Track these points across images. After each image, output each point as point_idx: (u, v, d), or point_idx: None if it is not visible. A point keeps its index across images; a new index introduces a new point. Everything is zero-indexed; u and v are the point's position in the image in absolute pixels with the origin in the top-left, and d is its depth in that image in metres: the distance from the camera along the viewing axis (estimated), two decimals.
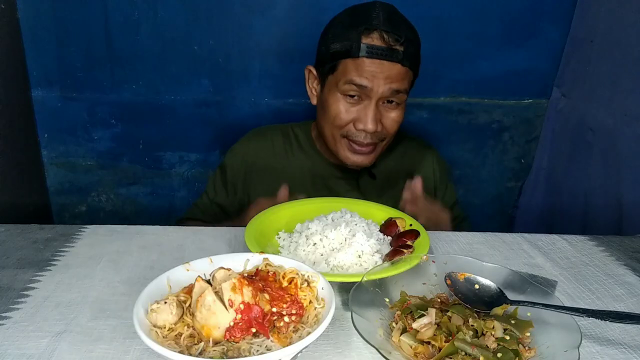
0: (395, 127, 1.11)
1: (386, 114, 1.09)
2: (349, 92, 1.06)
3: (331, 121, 1.10)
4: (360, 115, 1.08)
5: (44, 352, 0.60)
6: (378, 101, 1.07)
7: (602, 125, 1.37)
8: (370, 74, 1.04)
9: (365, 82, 1.04)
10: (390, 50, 1.03)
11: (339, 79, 1.07)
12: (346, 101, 1.08)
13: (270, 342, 0.55)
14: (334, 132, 1.12)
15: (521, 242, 0.94)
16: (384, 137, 1.12)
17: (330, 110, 1.10)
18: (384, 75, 1.04)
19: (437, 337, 0.59)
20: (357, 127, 1.08)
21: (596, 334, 0.67)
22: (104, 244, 0.88)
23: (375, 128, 1.07)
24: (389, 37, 1.02)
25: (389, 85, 1.05)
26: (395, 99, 1.08)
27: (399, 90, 1.06)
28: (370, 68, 1.03)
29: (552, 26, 1.53)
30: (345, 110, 1.08)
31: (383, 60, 1.03)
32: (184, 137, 1.59)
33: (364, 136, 1.09)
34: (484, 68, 1.56)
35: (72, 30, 1.44)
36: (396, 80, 1.05)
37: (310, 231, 0.85)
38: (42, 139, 1.56)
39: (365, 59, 1.03)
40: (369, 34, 1.03)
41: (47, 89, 1.50)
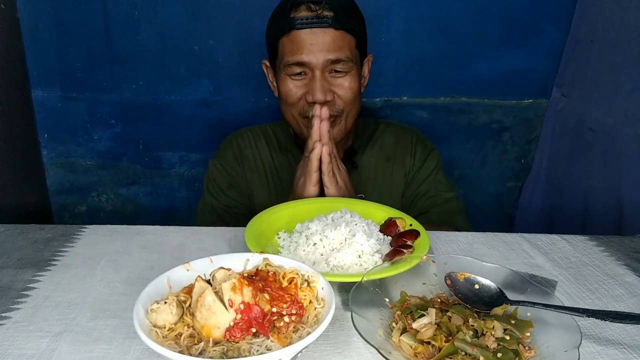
0: (349, 94, 1.11)
1: (336, 83, 1.10)
2: (293, 72, 1.09)
3: (285, 101, 1.13)
4: (308, 89, 1.09)
5: (44, 352, 0.60)
6: (323, 72, 1.08)
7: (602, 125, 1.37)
8: (304, 47, 1.06)
9: (300, 57, 1.06)
10: (318, 17, 1.05)
11: (280, 61, 1.10)
12: (293, 78, 1.10)
13: (270, 342, 0.55)
14: (293, 114, 1.14)
15: (521, 242, 0.94)
16: (342, 108, 1.12)
17: (282, 91, 1.12)
18: (318, 45, 1.05)
19: (437, 337, 0.59)
20: (307, 100, 1.09)
21: (596, 334, 0.67)
22: (104, 244, 0.88)
23: (325, 97, 1.07)
24: (316, 6, 1.05)
25: (327, 56, 1.06)
26: (341, 68, 1.08)
27: (338, 59, 1.07)
28: (302, 40, 1.06)
29: (552, 26, 1.53)
30: (293, 87, 1.10)
31: (314, 29, 1.05)
32: (184, 137, 1.59)
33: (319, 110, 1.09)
34: (484, 68, 1.56)
35: (72, 30, 1.44)
36: (333, 49, 1.06)
37: (310, 231, 0.85)
38: (42, 139, 1.56)
39: (296, 32, 1.06)
40: (297, 8, 1.06)
41: (47, 89, 1.50)
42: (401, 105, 1.60)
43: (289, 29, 1.07)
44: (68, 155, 1.59)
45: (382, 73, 1.54)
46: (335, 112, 1.11)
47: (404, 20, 1.49)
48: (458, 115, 1.63)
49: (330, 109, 1.08)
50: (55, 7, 1.42)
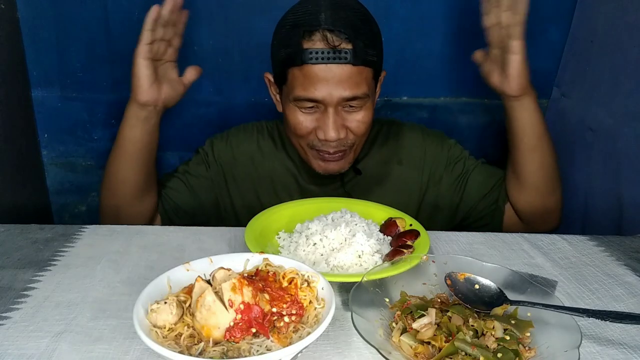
0: (362, 128, 1.03)
1: (349, 118, 1.01)
2: (304, 106, 1.00)
3: (293, 131, 1.05)
4: (320, 124, 1.00)
5: (44, 352, 0.60)
6: (337, 109, 0.99)
7: (602, 125, 1.37)
8: (319, 83, 0.95)
9: (312, 94, 0.96)
10: (335, 51, 0.93)
11: (290, 92, 1.00)
12: (303, 111, 1.01)
13: (270, 342, 0.55)
14: (300, 143, 1.07)
15: (521, 242, 0.94)
16: (353, 142, 1.05)
17: (290, 121, 1.04)
18: (334, 80, 0.95)
19: (437, 337, 0.59)
20: (319, 137, 1.01)
21: (596, 334, 0.67)
22: (104, 244, 0.88)
23: (338, 136, 1.00)
24: (333, 36, 0.93)
25: (342, 92, 0.96)
26: (355, 104, 1.00)
27: (354, 96, 0.98)
28: (317, 75, 0.95)
29: (552, 26, 1.53)
30: (304, 120, 1.02)
31: (330, 65, 0.94)
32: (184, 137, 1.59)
33: (329, 145, 1.02)
34: None
35: (72, 30, 1.44)
36: (349, 86, 0.96)
37: (310, 231, 0.85)
38: (42, 139, 1.56)
39: (311, 66, 0.95)
40: (310, 36, 0.94)
41: (47, 89, 1.50)
42: (401, 105, 1.59)
43: (301, 61, 0.95)
44: (68, 155, 1.59)
45: None
46: (346, 147, 1.05)
47: (404, 20, 1.48)
48: (458, 115, 1.63)
49: (341, 145, 1.03)
50: (55, 7, 1.42)
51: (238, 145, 1.20)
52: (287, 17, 1.02)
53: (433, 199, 1.21)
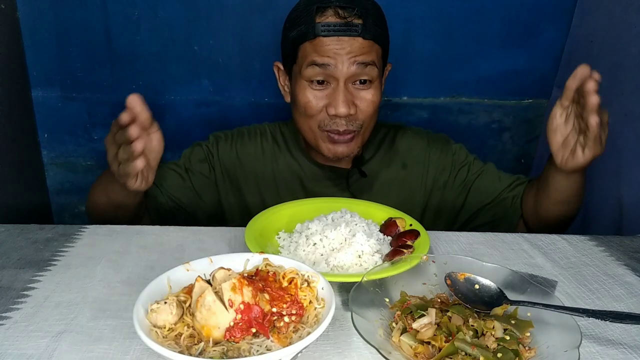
0: (371, 108, 1.05)
1: (359, 95, 1.03)
2: (314, 77, 1.01)
3: (304, 112, 1.05)
4: (330, 100, 1.02)
5: (44, 352, 0.60)
6: (347, 82, 1.01)
7: None
8: (331, 52, 0.99)
9: (327, 60, 0.99)
10: (347, 24, 0.98)
11: (301, 66, 1.02)
12: (313, 88, 1.03)
13: (270, 342, 0.55)
14: (310, 125, 1.07)
15: (521, 242, 0.94)
16: (362, 122, 1.06)
17: (300, 100, 1.04)
18: (345, 51, 0.99)
19: (437, 337, 0.59)
20: (329, 113, 1.03)
21: (596, 334, 0.67)
22: (104, 244, 0.88)
23: (348, 111, 1.01)
24: (344, 12, 0.98)
25: (354, 60, 0.99)
26: (366, 76, 1.02)
27: (365, 62, 1.00)
28: (329, 47, 0.99)
29: (552, 26, 1.53)
30: (314, 98, 1.03)
31: (341, 37, 0.98)
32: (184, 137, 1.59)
33: (339, 123, 1.03)
34: (484, 68, 1.56)
35: (72, 30, 1.44)
36: (360, 54, 0.99)
37: (310, 231, 0.85)
38: (42, 139, 1.56)
39: (323, 39, 0.99)
40: (323, 12, 0.99)
41: (47, 89, 1.50)
42: (401, 105, 1.60)
43: (314, 35, 0.99)
44: (68, 155, 1.59)
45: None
46: (356, 128, 1.05)
47: (404, 20, 1.48)
48: (458, 115, 1.63)
49: (350, 123, 1.04)
50: (55, 7, 1.42)
51: (242, 148, 1.19)
52: (298, 3, 1.06)
53: (437, 204, 1.21)
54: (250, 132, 1.21)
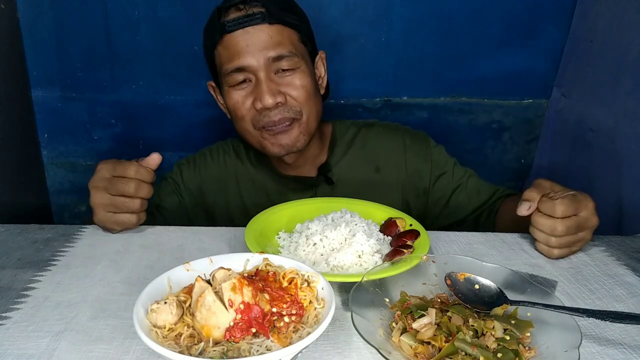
0: (302, 93, 1.01)
1: (285, 82, 1.00)
2: (236, 81, 1.00)
3: (236, 116, 1.04)
4: (255, 95, 1.00)
5: (44, 352, 0.60)
6: (269, 73, 0.99)
7: (602, 125, 1.37)
8: (240, 50, 0.97)
9: (238, 62, 0.98)
10: (248, 15, 0.97)
11: (221, 74, 1.02)
12: (237, 90, 1.01)
13: (270, 342, 0.55)
14: (247, 128, 1.04)
15: (521, 242, 0.94)
16: (298, 108, 1.02)
17: (230, 106, 1.04)
18: (254, 44, 0.97)
19: (437, 337, 0.59)
20: (257, 107, 1.00)
21: (596, 334, 0.67)
22: (104, 244, 0.88)
23: (275, 100, 0.98)
24: (245, 5, 0.97)
25: (266, 53, 0.97)
26: (286, 65, 0.99)
27: (280, 55, 0.98)
28: (237, 43, 0.98)
29: (552, 26, 1.53)
30: (240, 98, 1.01)
31: (246, 28, 0.97)
32: (184, 137, 1.59)
33: (271, 114, 1.00)
34: (484, 68, 1.56)
35: (72, 30, 1.44)
36: (272, 45, 0.98)
37: (310, 231, 0.85)
38: (42, 139, 1.56)
39: (229, 36, 0.98)
40: (226, 12, 0.99)
41: (47, 89, 1.50)
42: (401, 105, 1.60)
43: (220, 34, 0.99)
44: (68, 155, 1.59)
45: (382, 73, 1.54)
46: (292, 115, 1.01)
47: (404, 20, 1.48)
48: (458, 115, 1.63)
49: (283, 111, 1.00)
50: (55, 7, 1.42)
51: (205, 171, 1.18)
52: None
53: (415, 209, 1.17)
54: (212, 152, 1.20)
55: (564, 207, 0.81)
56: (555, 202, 0.82)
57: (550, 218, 0.83)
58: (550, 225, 0.82)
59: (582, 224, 0.84)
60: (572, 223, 0.82)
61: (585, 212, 0.83)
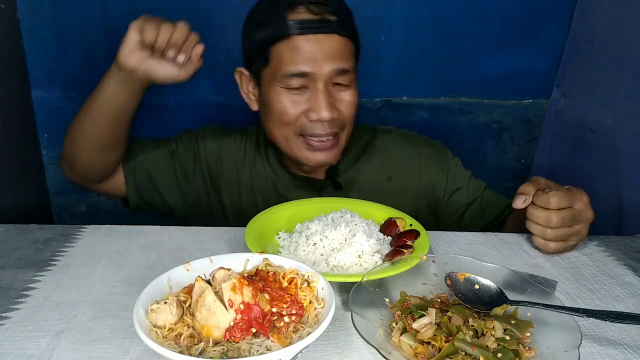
0: (352, 110, 1.00)
1: (339, 97, 0.98)
2: (292, 85, 0.95)
3: (279, 120, 0.98)
4: (311, 105, 0.95)
5: (44, 352, 0.60)
6: (327, 86, 0.95)
7: (602, 125, 1.37)
8: (308, 56, 0.92)
9: (305, 68, 0.93)
10: (322, 21, 0.92)
11: (275, 72, 0.95)
12: (290, 93, 0.96)
13: (270, 342, 0.55)
14: (285, 133, 1.00)
15: (521, 242, 0.94)
16: (343, 125, 1.00)
17: (275, 107, 0.97)
18: (323, 53, 0.93)
19: (437, 337, 0.59)
20: (311, 118, 0.96)
21: (596, 334, 0.67)
22: (104, 244, 0.88)
23: (331, 115, 0.95)
24: (317, 7, 0.92)
25: (333, 65, 0.94)
26: (344, 80, 0.97)
27: (345, 69, 0.95)
28: (306, 48, 0.92)
29: (552, 26, 1.53)
30: (291, 104, 0.96)
31: (318, 34, 0.92)
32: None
33: (321, 127, 0.97)
34: (484, 68, 1.56)
35: (72, 30, 1.44)
36: (339, 58, 0.94)
37: (310, 231, 0.85)
38: (42, 139, 1.56)
39: (297, 37, 0.92)
40: (295, 8, 0.92)
41: (47, 89, 1.50)
42: (401, 105, 1.59)
43: (287, 33, 0.92)
44: None
45: (382, 73, 1.54)
46: (337, 129, 1.00)
47: (404, 20, 1.48)
48: (458, 115, 1.63)
49: (332, 125, 0.98)
50: (55, 7, 1.42)
51: (226, 147, 1.15)
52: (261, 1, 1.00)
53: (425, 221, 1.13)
54: (237, 133, 1.18)
55: (558, 198, 0.82)
56: (550, 194, 0.83)
57: (545, 210, 0.83)
58: (545, 216, 0.83)
59: (577, 217, 0.84)
60: (567, 214, 0.83)
61: (580, 204, 0.84)
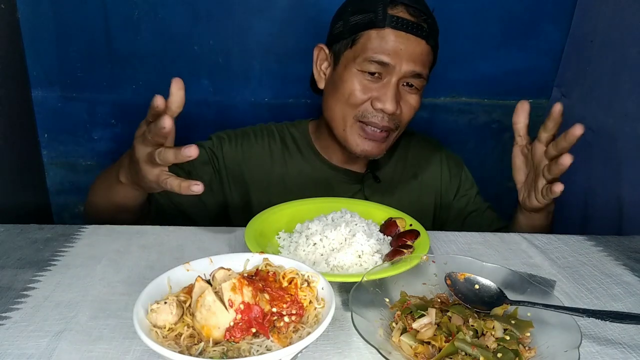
0: (411, 114, 1.06)
1: (405, 97, 1.03)
2: (369, 69, 1.00)
3: (345, 99, 1.02)
4: (380, 94, 1.01)
5: (44, 352, 0.60)
6: (399, 81, 1.01)
7: (602, 125, 1.37)
8: (394, 49, 0.98)
9: (387, 59, 0.98)
10: (417, 24, 0.99)
11: (357, 54, 1.01)
12: (364, 78, 1.01)
13: (270, 342, 0.55)
14: (346, 114, 1.04)
15: (520, 241, 0.94)
16: (398, 124, 1.05)
17: (345, 87, 1.02)
18: (408, 52, 0.99)
19: (437, 337, 0.59)
20: (375, 107, 1.01)
21: (596, 334, 0.67)
22: (104, 244, 0.88)
23: (395, 109, 1.00)
24: (414, 12, 0.99)
25: (412, 66, 1.00)
26: (416, 84, 1.03)
27: (420, 74, 1.02)
28: (394, 42, 0.98)
29: (552, 26, 1.53)
30: (362, 88, 1.01)
31: (409, 34, 0.99)
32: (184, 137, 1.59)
33: (381, 117, 1.02)
34: (484, 68, 1.56)
35: (72, 30, 1.44)
36: (419, 62, 1.01)
37: (310, 231, 0.85)
38: (42, 139, 1.56)
39: (391, 31, 0.98)
40: (394, 6, 0.99)
41: (47, 89, 1.50)
42: None
43: (384, 24, 0.98)
44: (68, 155, 1.59)
45: None
46: (394, 126, 1.04)
47: None
48: (458, 115, 1.63)
49: (391, 120, 1.03)
50: (55, 7, 1.42)
51: (249, 149, 1.15)
52: None
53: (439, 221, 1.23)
54: (256, 133, 1.18)
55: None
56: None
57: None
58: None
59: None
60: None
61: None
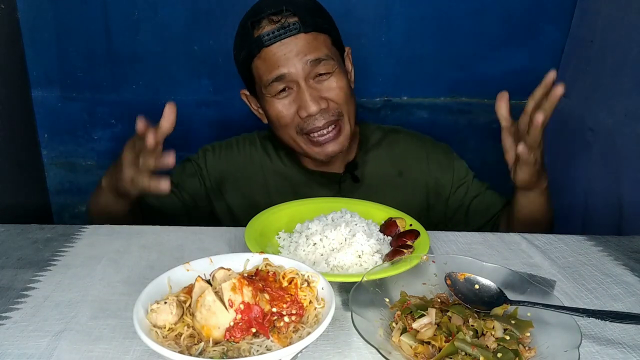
0: (341, 95, 1.05)
1: (323, 88, 1.03)
2: (276, 90, 1.03)
3: (279, 125, 1.07)
4: (299, 103, 1.03)
5: (44, 352, 0.60)
6: (307, 80, 1.02)
7: (602, 125, 1.37)
8: (279, 60, 1.00)
9: (280, 71, 1.00)
10: (283, 26, 0.99)
11: (260, 84, 1.05)
12: (278, 99, 1.04)
13: (270, 342, 0.55)
14: (290, 135, 1.07)
15: (519, 241, 0.94)
16: (339, 111, 1.05)
17: (272, 115, 1.06)
18: (292, 53, 0.99)
19: (437, 337, 0.59)
20: (302, 116, 1.03)
21: (595, 334, 0.67)
22: (104, 243, 0.88)
23: (318, 107, 1.02)
24: (277, 16, 0.99)
25: (304, 59, 1.00)
26: (323, 70, 1.02)
27: (318, 59, 1.01)
28: (275, 55, 1.00)
29: (552, 26, 1.53)
30: (282, 108, 1.04)
31: (283, 40, 0.99)
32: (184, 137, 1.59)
33: (316, 121, 1.03)
34: (484, 68, 1.56)
35: (72, 30, 1.44)
36: (308, 52, 1.00)
37: (310, 231, 0.85)
38: (42, 139, 1.56)
39: (267, 49, 1.00)
40: (259, 25, 1.00)
41: (47, 89, 1.50)
42: (401, 105, 1.60)
43: (258, 49, 1.01)
44: (68, 155, 1.59)
45: (382, 73, 1.54)
46: (335, 117, 1.05)
47: (404, 20, 1.49)
48: (458, 115, 1.63)
49: (327, 115, 1.03)
50: (55, 7, 1.42)
51: (232, 159, 1.19)
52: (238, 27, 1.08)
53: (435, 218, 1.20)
54: (239, 143, 1.21)
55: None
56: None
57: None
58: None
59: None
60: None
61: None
